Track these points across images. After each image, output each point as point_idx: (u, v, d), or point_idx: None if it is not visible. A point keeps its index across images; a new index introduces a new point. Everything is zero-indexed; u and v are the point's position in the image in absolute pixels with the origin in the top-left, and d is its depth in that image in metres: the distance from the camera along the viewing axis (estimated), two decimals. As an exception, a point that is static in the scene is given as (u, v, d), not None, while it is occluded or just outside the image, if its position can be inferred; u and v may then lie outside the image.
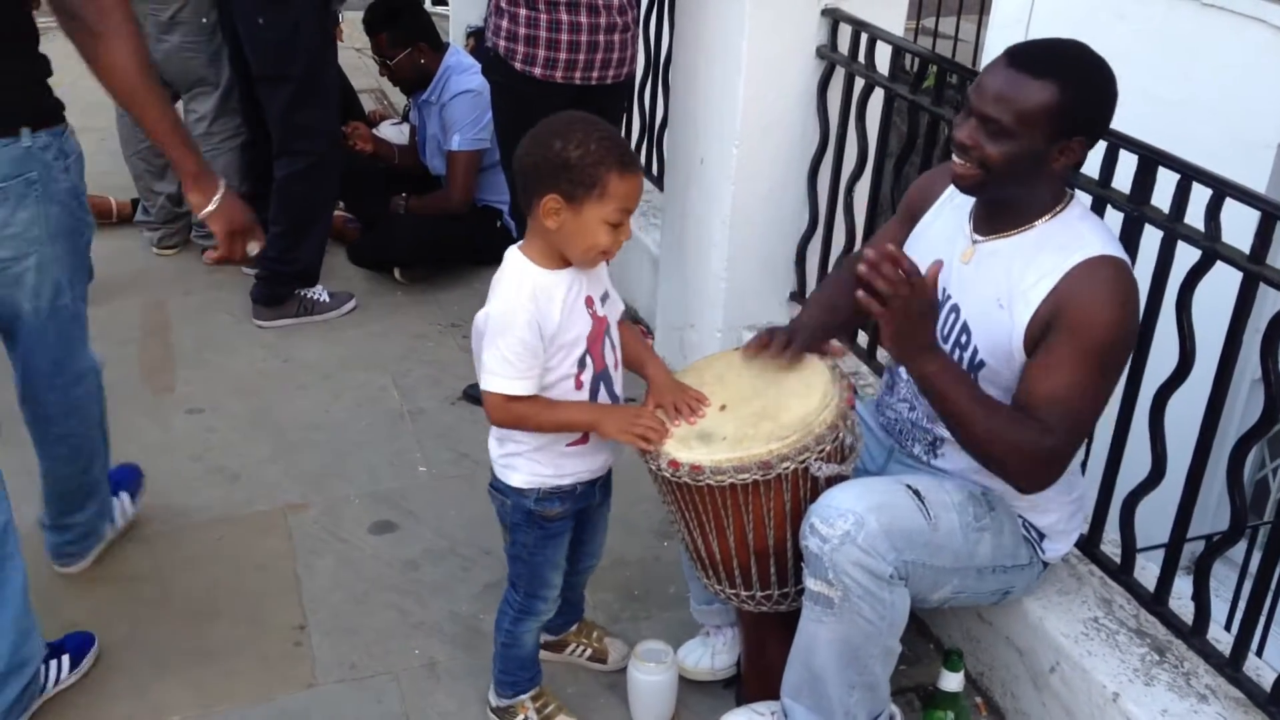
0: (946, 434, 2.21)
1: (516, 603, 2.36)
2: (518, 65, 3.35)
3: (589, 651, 2.62)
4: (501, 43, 3.36)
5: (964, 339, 2.19)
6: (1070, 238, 2.09)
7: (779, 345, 2.30)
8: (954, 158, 2.12)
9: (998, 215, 2.17)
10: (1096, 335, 2.01)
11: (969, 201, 2.23)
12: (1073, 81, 2.01)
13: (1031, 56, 2.05)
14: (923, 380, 2.09)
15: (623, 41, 3.42)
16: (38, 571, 2.87)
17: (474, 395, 3.67)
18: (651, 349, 2.40)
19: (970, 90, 2.10)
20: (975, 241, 2.21)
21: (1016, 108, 2.01)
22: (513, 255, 2.14)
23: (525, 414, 2.13)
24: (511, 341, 2.06)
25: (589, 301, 2.16)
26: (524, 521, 2.26)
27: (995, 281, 2.14)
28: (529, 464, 2.22)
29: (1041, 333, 2.06)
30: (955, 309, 2.21)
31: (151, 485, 3.21)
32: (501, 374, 2.08)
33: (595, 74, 3.40)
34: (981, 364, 2.16)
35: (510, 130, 3.49)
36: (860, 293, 1.99)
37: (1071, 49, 2.09)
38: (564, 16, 3.29)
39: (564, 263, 2.12)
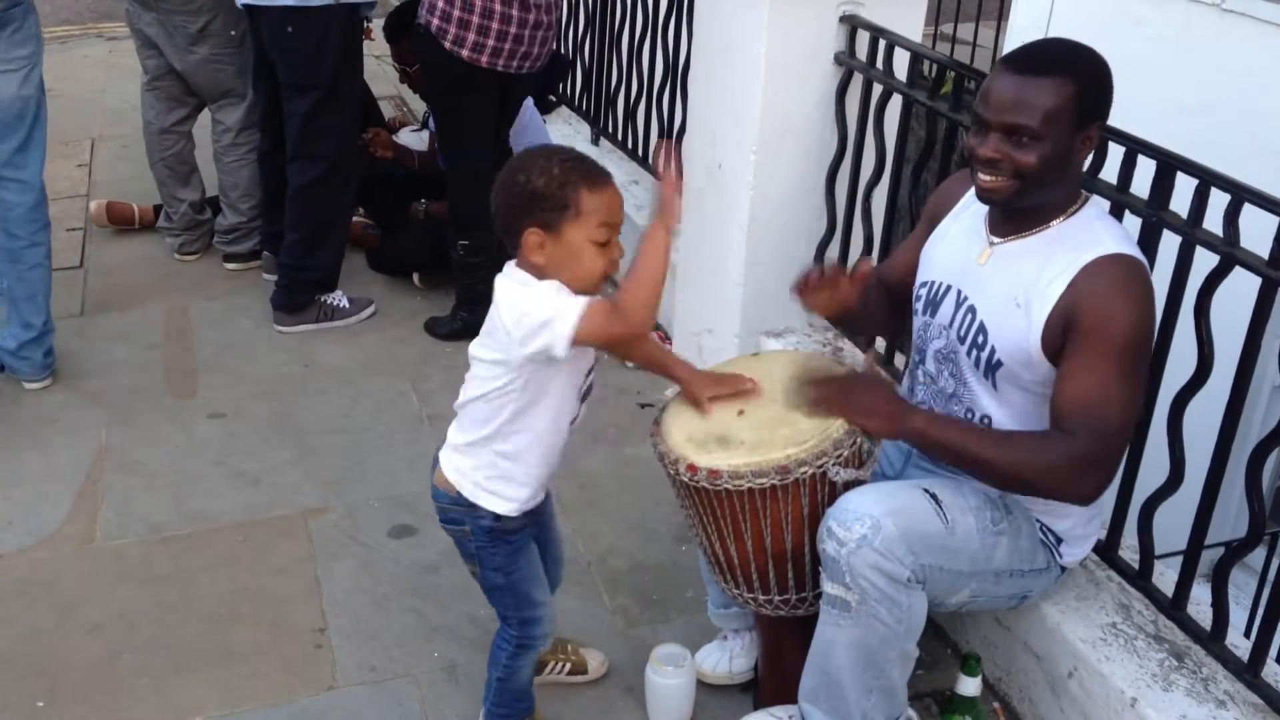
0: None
1: (512, 637, 2.31)
2: (447, 44, 3.66)
3: (568, 666, 2.60)
4: (435, 21, 3.66)
5: (980, 339, 2.20)
6: (1085, 237, 2.11)
7: (813, 279, 2.34)
8: (979, 175, 2.12)
9: (1014, 217, 2.19)
10: (1113, 334, 2.02)
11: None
12: (1078, 71, 2.05)
13: (1033, 58, 2.09)
14: (920, 440, 2.15)
15: (544, 38, 3.77)
16: (63, 573, 2.91)
17: (436, 332, 4.10)
18: (670, 352, 2.35)
19: (979, 106, 2.11)
20: (992, 243, 2.22)
21: (1040, 109, 2.03)
22: (515, 272, 2.09)
23: (633, 288, 2.01)
24: (549, 288, 2.01)
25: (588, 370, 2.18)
26: (488, 541, 2.22)
27: (1012, 281, 2.16)
28: (517, 489, 2.18)
29: (1060, 332, 2.07)
30: (972, 309, 2.22)
31: (173, 489, 3.24)
32: (568, 299, 1.99)
33: (515, 63, 3.73)
34: (999, 364, 2.17)
35: (437, 105, 4.01)
36: (810, 409, 2.14)
37: (1060, 43, 2.16)
38: (497, 7, 3.61)
39: None
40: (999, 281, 2.18)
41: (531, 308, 2.01)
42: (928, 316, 2.33)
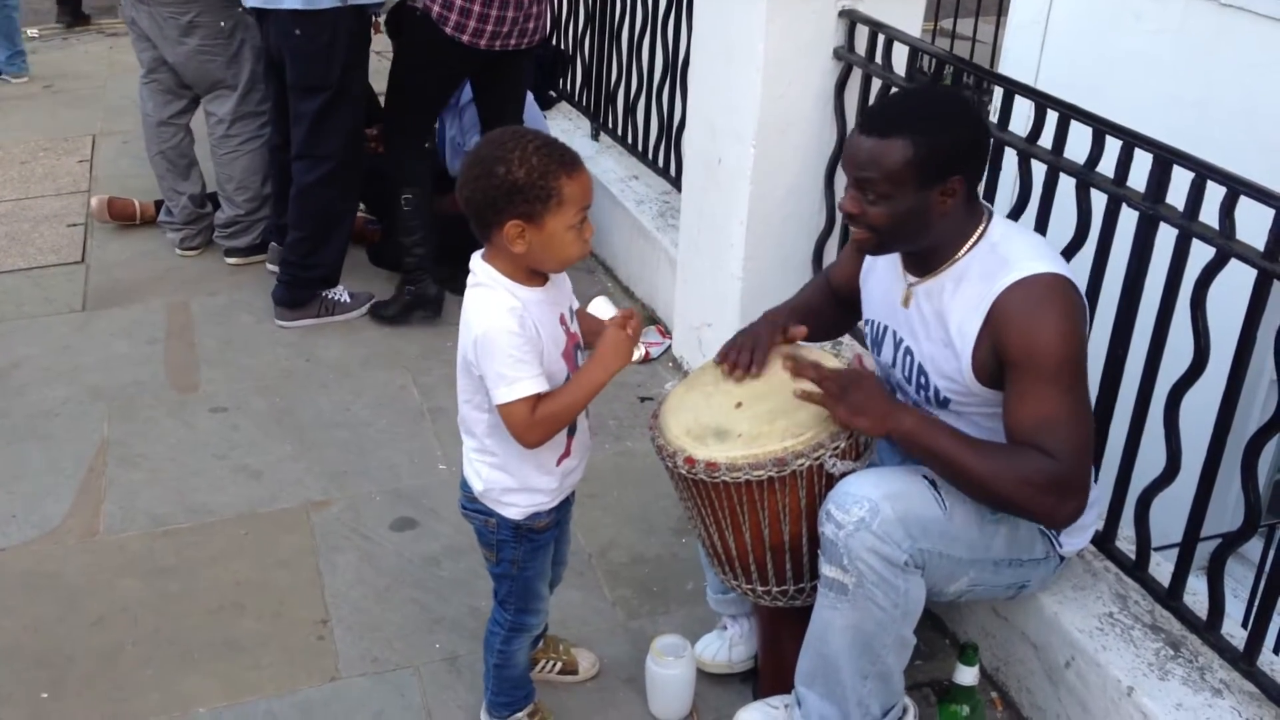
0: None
1: (507, 621, 2.33)
2: (448, 30, 3.75)
3: (559, 665, 2.60)
4: (436, 8, 3.75)
5: (923, 379, 2.24)
6: (992, 264, 2.12)
7: (744, 364, 2.30)
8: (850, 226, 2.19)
9: (920, 257, 2.22)
10: (1049, 355, 2.04)
11: None
12: (921, 131, 2.06)
13: (878, 120, 2.12)
14: (905, 441, 2.14)
15: (539, 13, 3.86)
16: (66, 566, 2.93)
17: (384, 315, 4.11)
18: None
19: (843, 163, 2.18)
20: (910, 284, 2.25)
21: (881, 171, 2.07)
22: (483, 270, 2.08)
23: (554, 411, 2.06)
24: (507, 345, 2.01)
25: (562, 319, 2.14)
26: (511, 537, 2.23)
27: (932, 321, 2.20)
28: (527, 496, 2.20)
29: (991, 360, 2.10)
30: (909, 351, 2.26)
31: (176, 483, 3.26)
32: (519, 375, 2.01)
33: (512, 42, 3.84)
34: (946, 400, 2.22)
35: (415, 84, 3.98)
36: (799, 393, 2.14)
37: (917, 99, 2.22)
38: None
39: (533, 279, 2.08)
40: (922, 322, 2.22)
41: (488, 356, 2.03)
42: (876, 354, 2.37)
